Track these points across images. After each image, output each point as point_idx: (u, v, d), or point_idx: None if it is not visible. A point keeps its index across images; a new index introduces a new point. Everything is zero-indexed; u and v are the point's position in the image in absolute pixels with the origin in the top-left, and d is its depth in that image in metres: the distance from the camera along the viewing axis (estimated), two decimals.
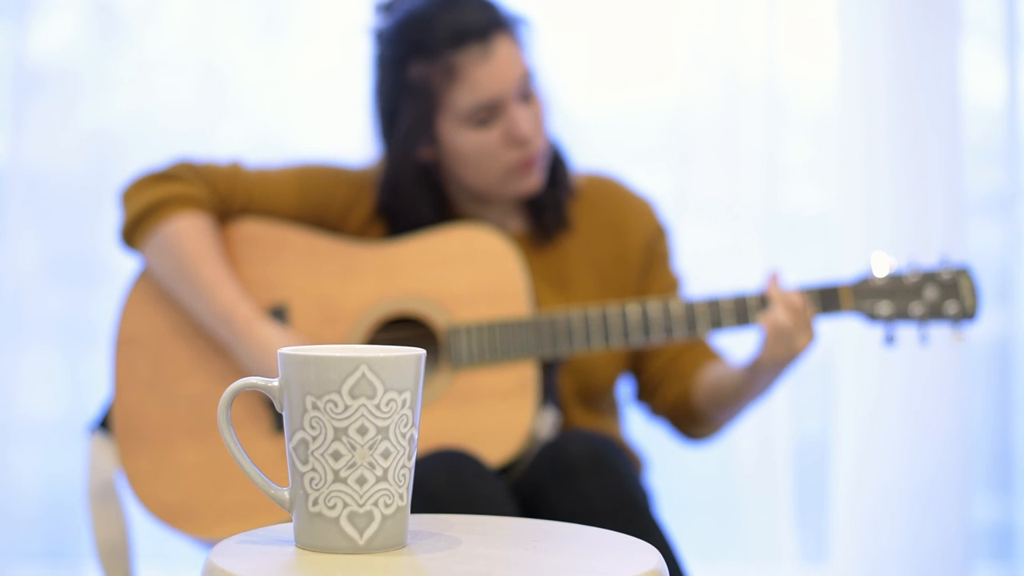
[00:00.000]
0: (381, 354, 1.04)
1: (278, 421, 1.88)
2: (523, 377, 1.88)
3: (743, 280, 2.83)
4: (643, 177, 2.22)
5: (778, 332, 1.77)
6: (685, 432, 2.02)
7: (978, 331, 2.82)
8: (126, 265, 2.38)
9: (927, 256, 2.02)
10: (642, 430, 2.22)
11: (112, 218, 2.81)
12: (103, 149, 2.84)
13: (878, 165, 2.83)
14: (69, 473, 2.62)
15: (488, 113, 1.91)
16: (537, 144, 1.94)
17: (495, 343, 1.88)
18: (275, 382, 1.07)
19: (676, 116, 2.86)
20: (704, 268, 2.73)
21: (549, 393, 1.92)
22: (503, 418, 1.86)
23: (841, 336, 2.80)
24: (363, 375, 1.03)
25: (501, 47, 1.91)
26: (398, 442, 1.05)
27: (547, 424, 1.89)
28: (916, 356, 2.55)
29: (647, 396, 2.03)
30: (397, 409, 1.04)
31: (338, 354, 1.04)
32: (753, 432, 2.77)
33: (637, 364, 2.02)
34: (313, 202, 1.99)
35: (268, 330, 1.86)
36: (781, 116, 2.84)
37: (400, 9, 1.96)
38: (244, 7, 2.89)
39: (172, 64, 2.84)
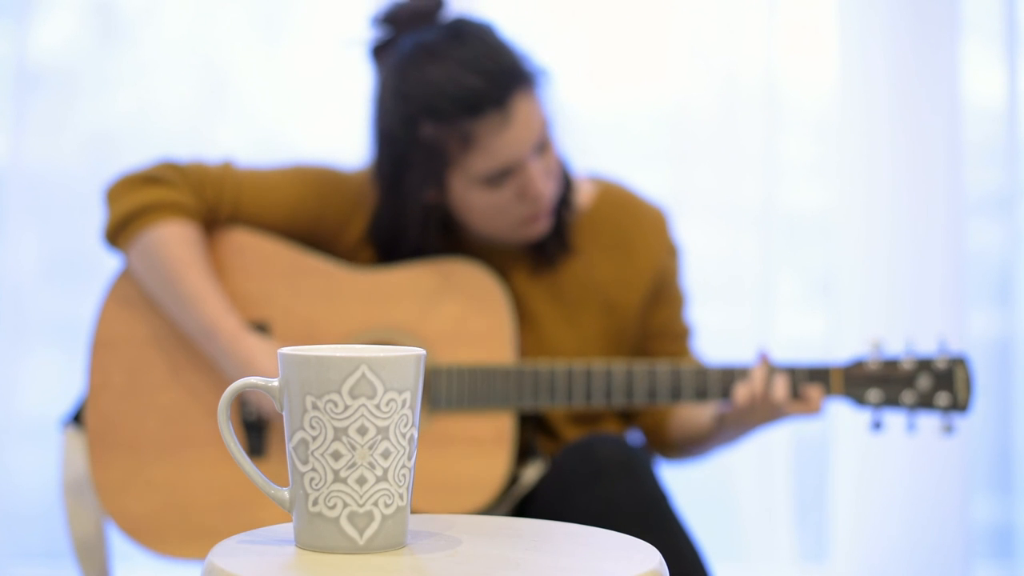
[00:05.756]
0: (381, 354, 1.04)
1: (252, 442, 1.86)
2: (500, 428, 1.84)
3: (742, 280, 2.83)
4: (642, 177, 2.22)
5: (747, 407, 1.79)
6: (661, 454, 2.03)
7: (978, 331, 2.84)
8: None
9: (926, 337, 2.05)
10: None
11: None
12: (103, 149, 2.83)
13: (878, 165, 2.82)
14: None
15: (503, 175, 1.83)
16: (548, 196, 1.86)
17: (476, 389, 1.84)
18: (275, 382, 1.07)
19: (675, 116, 2.85)
20: (704, 268, 2.73)
21: (531, 445, 1.90)
22: (477, 468, 1.83)
23: (840, 339, 2.80)
24: (363, 375, 1.03)
25: (520, 109, 1.80)
26: (398, 442, 1.05)
27: (532, 478, 1.86)
28: None
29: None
30: (397, 409, 1.04)
31: (338, 354, 1.04)
32: None
33: None
34: (307, 213, 1.92)
35: (253, 344, 1.82)
36: (780, 116, 2.84)
37: (406, 54, 1.84)
38: (244, 7, 2.88)
39: (172, 64, 2.83)
